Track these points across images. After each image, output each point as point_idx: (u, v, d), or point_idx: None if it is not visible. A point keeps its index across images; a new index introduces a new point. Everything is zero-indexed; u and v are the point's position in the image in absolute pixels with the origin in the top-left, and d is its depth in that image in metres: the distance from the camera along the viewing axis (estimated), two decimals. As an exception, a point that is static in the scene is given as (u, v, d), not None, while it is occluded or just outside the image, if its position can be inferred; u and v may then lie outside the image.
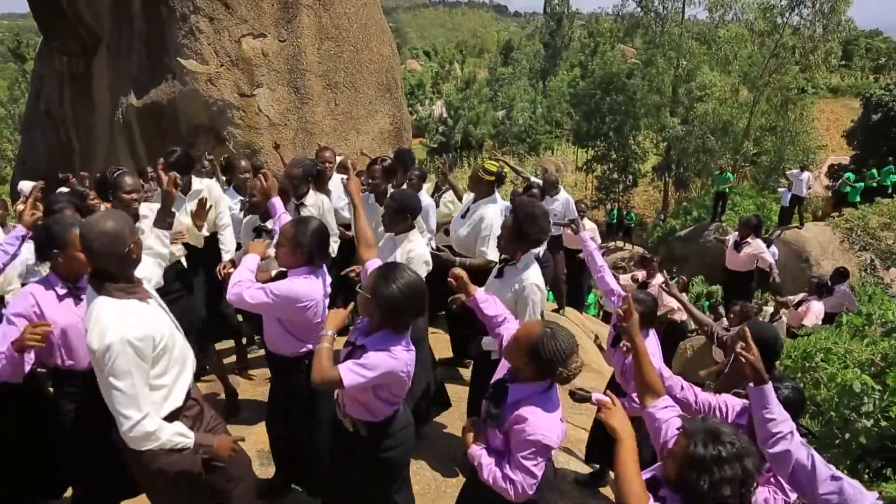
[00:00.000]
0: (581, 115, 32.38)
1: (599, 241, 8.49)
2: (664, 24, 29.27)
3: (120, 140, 9.13)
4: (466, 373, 5.18)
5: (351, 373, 2.41)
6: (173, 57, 8.37)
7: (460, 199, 5.70)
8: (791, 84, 25.24)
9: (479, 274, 3.98)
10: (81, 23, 10.55)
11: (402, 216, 3.82)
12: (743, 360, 2.43)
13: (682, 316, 9.40)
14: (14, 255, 3.32)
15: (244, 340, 5.43)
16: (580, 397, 3.62)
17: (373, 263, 2.98)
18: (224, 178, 6.23)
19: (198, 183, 4.59)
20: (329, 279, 3.21)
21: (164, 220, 3.34)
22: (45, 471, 3.00)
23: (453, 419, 4.47)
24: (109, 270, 2.33)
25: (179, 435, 2.36)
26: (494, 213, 4.61)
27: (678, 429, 2.21)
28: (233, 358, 5.23)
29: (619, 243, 22.86)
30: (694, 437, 1.94)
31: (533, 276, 3.53)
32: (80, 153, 11.42)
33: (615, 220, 23.83)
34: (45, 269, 4.03)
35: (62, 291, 2.80)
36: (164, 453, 2.34)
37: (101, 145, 10.37)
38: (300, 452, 3.32)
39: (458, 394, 4.45)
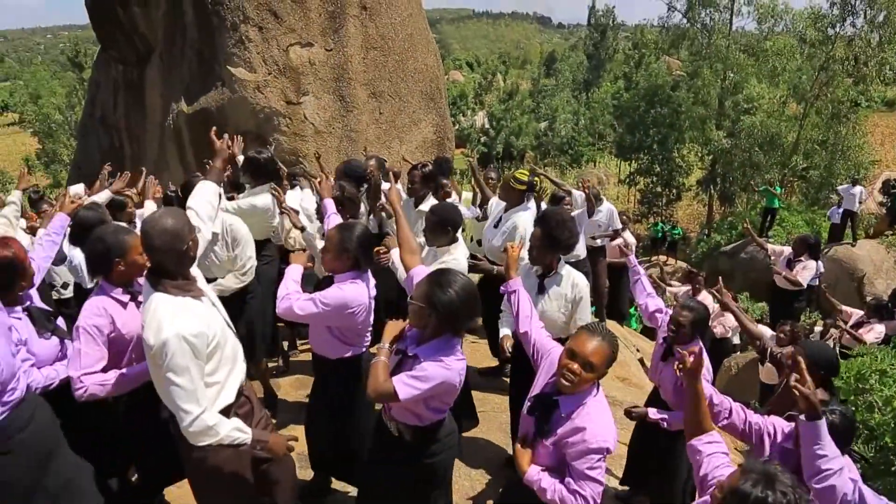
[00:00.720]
0: (624, 128, 32.06)
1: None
2: (711, 36, 28.80)
3: (170, 146, 9.37)
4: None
5: (405, 385, 2.40)
6: (223, 65, 8.56)
7: (485, 201, 5.74)
8: (843, 97, 24.47)
9: None
10: (137, 32, 10.89)
11: (443, 229, 3.82)
12: (797, 392, 2.35)
13: (727, 333, 9.18)
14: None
15: (285, 345, 5.49)
16: (637, 415, 3.55)
17: (418, 271, 2.95)
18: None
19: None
20: (373, 282, 3.22)
21: (218, 175, 3.26)
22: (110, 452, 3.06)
23: (492, 428, 4.45)
24: (167, 267, 2.38)
25: (238, 430, 2.37)
26: (527, 220, 4.63)
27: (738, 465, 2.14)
28: (273, 361, 5.28)
29: (663, 258, 22.47)
30: (749, 475, 1.86)
31: (579, 277, 3.54)
32: (131, 158, 11.75)
33: (659, 235, 23.46)
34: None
35: (124, 298, 2.80)
36: (217, 451, 2.37)
37: (152, 151, 10.66)
38: (341, 453, 3.32)
39: (500, 404, 4.40)
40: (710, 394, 2.95)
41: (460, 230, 4.03)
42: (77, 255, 4.18)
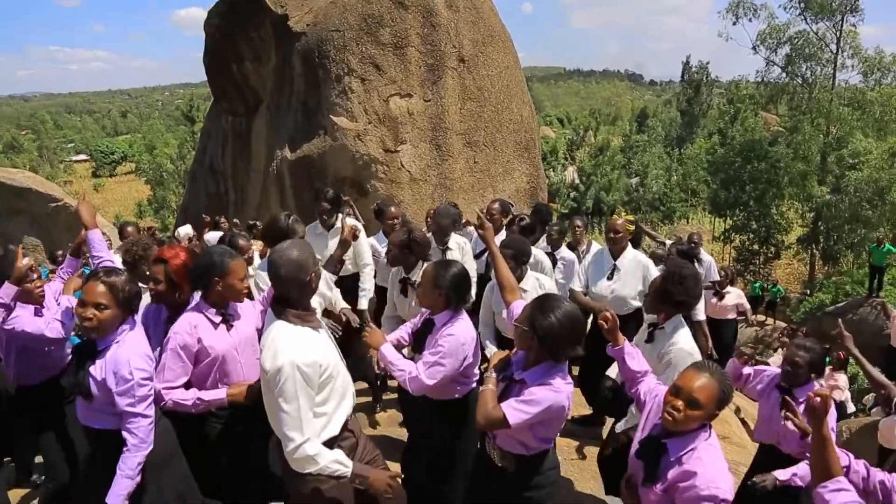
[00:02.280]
0: (719, 183, 31.06)
1: (748, 307, 7.93)
2: (811, 90, 27.80)
3: (272, 190, 9.78)
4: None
5: (515, 411, 2.36)
6: (326, 114, 8.92)
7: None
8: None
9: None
10: (247, 86, 11.61)
11: (517, 262, 3.89)
12: None
13: (840, 395, 8.44)
14: None
15: (378, 382, 5.47)
16: (768, 485, 3.23)
17: (518, 304, 2.95)
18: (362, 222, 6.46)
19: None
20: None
21: (335, 264, 3.49)
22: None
23: (585, 477, 4.30)
24: (290, 297, 2.43)
25: (338, 462, 2.36)
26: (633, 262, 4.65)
27: None
28: (366, 398, 5.28)
29: (762, 317, 21.23)
30: None
31: (682, 340, 3.30)
32: (234, 203, 12.37)
33: (758, 293, 22.24)
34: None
35: (217, 319, 2.88)
36: (321, 480, 2.37)
37: (254, 195, 11.18)
38: (438, 488, 3.24)
39: (595, 453, 4.21)
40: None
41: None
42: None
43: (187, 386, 2.83)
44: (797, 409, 3.16)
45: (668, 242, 6.74)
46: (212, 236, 7.33)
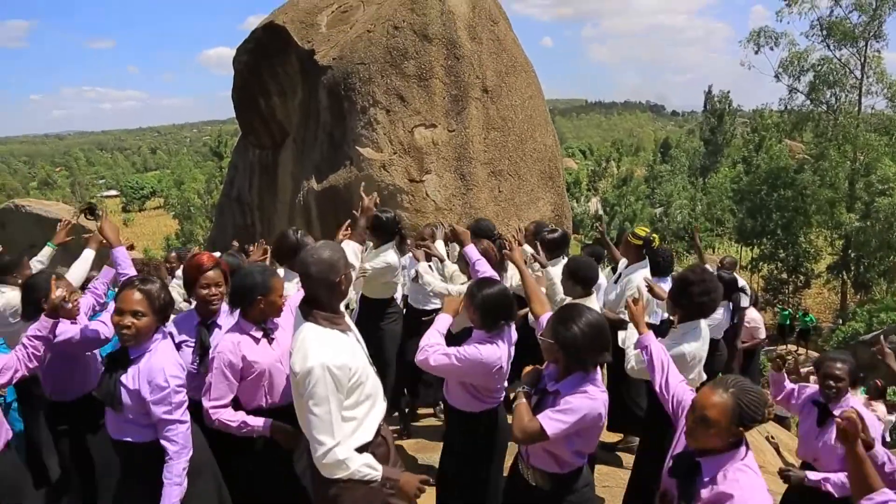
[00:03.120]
0: (745, 212, 30.70)
1: (764, 335, 7.77)
2: (837, 117, 27.56)
3: (298, 221, 9.87)
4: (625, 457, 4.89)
5: (552, 421, 2.36)
6: (352, 145, 9.04)
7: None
8: None
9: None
10: (274, 120, 11.85)
11: (574, 282, 3.99)
12: None
13: (880, 426, 8.14)
14: None
15: (406, 409, 5.47)
16: (795, 478, 3.17)
17: (545, 318, 2.98)
18: None
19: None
20: (515, 337, 3.19)
21: (360, 234, 3.59)
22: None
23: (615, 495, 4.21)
24: (320, 298, 2.43)
25: (368, 467, 2.34)
26: (641, 276, 4.64)
27: None
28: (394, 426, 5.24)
29: (793, 347, 20.75)
30: None
31: (687, 345, 3.28)
32: (261, 234, 12.50)
33: (787, 322, 21.77)
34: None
35: (258, 334, 2.93)
36: (350, 488, 2.34)
37: (280, 227, 11.27)
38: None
39: (625, 479, 4.12)
40: (884, 457, 2.76)
41: None
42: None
43: (233, 404, 2.85)
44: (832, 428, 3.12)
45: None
46: None
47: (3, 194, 65.76)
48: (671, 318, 3.45)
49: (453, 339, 3.27)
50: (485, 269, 3.63)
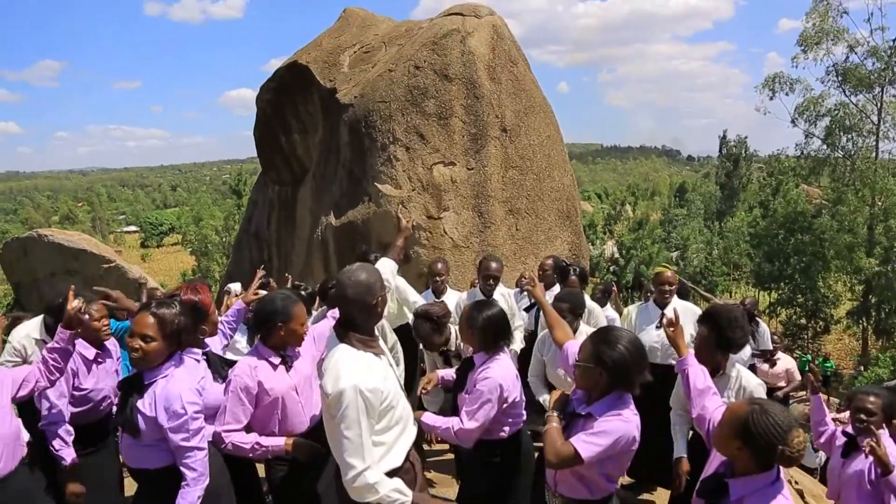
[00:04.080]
0: (763, 256, 30.42)
1: (799, 377, 7.62)
2: (854, 162, 27.50)
3: (316, 255, 9.92)
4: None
5: (586, 444, 2.32)
6: (371, 182, 9.12)
7: None
8: None
9: None
10: (295, 156, 12.03)
11: (574, 315, 4.05)
12: None
13: None
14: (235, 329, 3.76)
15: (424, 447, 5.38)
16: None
17: (572, 343, 2.99)
18: None
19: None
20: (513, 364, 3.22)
21: (397, 253, 3.71)
22: None
23: None
24: (355, 320, 2.43)
25: (397, 492, 2.31)
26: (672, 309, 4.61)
27: None
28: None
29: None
30: None
31: (746, 376, 3.31)
32: (278, 269, 12.55)
33: (806, 369, 21.30)
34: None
35: (276, 361, 2.91)
36: None
37: (297, 262, 11.35)
38: None
39: None
40: None
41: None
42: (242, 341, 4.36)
43: (248, 429, 2.81)
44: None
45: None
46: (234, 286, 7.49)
47: (26, 227, 66.89)
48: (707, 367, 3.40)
49: (458, 375, 3.23)
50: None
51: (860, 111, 27.41)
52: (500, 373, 2.96)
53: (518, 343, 4.93)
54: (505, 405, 2.97)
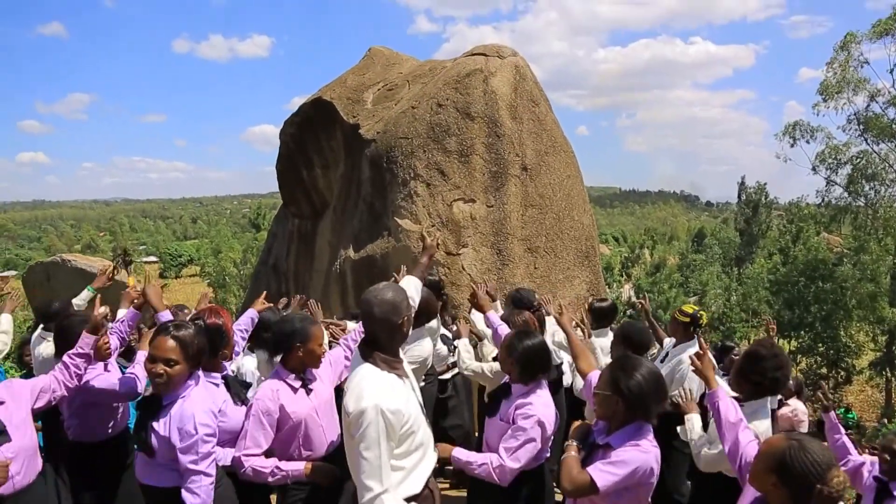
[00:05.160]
0: (782, 303, 29.97)
1: (806, 428, 7.42)
2: (876, 210, 27.25)
3: (333, 288, 9.94)
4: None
5: (602, 473, 2.28)
6: (391, 216, 9.17)
7: (660, 341, 6.04)
8: None
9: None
10: (316, 190, 12.16)
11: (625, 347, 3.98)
12: None
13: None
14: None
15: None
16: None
17: (594, 374, 2.95)
18: None
19: None
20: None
21: (422, 271, 3.64)
22: None
23: None
24: (380, 339, 2.40)
25: None
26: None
27: None
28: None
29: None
30: None
31: (758, 425, 3.11)
32: (295, 302, 12.59)
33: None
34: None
35: (296, 384, 2.91)
36: None
37: (315, 295, 11.33)
38: None
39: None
40: None
41: None
42: (246, 363, 4.33)
43: (267, 454, 2.78)
44: None
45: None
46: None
47: (49, 255, 67.95)
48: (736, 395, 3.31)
49: (491, 399, 3.21)
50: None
51: (883, 160, 27.27)
52: (541, 410, 2.90)
53: (568, 376, 4.87)
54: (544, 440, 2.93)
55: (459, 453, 2.94)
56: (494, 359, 4.33)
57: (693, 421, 3.22)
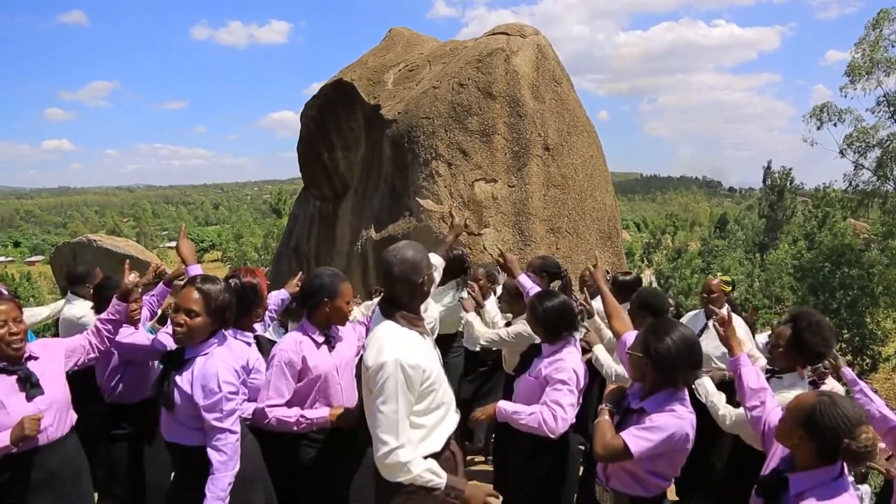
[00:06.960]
0: (807, 289, 29.50)
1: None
2: (905, 194, 26.68)
3: (355, 269, 9.97)
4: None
5: (636, 438, 2.25)
6: (412, 197, 9.16)
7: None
8: None
9: None
10: (337, 172, 12.18)
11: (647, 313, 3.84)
12: None
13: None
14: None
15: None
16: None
17: (630, 334, 2.93)
18: None
19: None
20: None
21: (446, 250, 3.82)
22: None
23: None
24: (401, 298, 2.40)
25: (431, 472, 2.22)
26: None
27: None
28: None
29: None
30: None
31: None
32: (316, 284, 12.67)
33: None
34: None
35: (320, 339, 2.93)
36: (414, 498, 2.23)
37: (336, 276, 11.43)
38: None
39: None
40: None
41: None
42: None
43: (289, 404, 2.81)
44: None
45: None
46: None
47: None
48: (771, 367, 3.23)
49: (523, 358, 3.22)
50: None
51: (913, 143, 26.62)
52: (572, 361, 2.95)
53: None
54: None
55: (505, 405, 2.96)
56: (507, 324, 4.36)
57: (705, 384, 3.15)
